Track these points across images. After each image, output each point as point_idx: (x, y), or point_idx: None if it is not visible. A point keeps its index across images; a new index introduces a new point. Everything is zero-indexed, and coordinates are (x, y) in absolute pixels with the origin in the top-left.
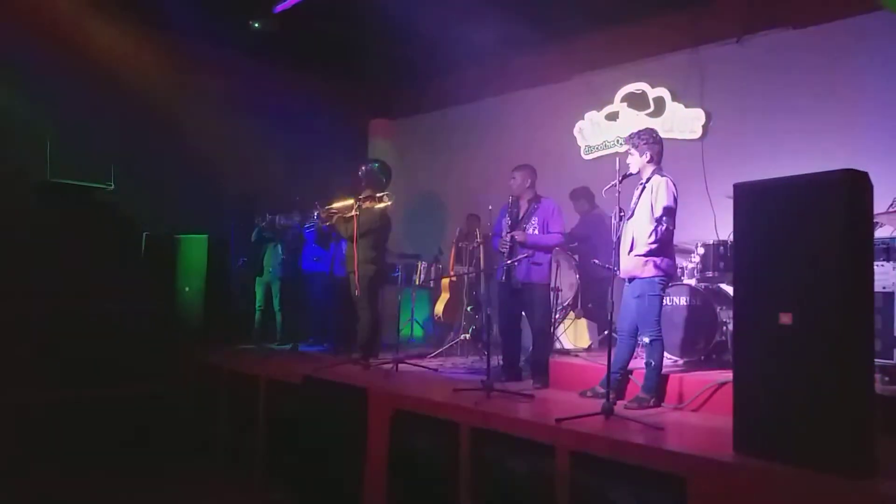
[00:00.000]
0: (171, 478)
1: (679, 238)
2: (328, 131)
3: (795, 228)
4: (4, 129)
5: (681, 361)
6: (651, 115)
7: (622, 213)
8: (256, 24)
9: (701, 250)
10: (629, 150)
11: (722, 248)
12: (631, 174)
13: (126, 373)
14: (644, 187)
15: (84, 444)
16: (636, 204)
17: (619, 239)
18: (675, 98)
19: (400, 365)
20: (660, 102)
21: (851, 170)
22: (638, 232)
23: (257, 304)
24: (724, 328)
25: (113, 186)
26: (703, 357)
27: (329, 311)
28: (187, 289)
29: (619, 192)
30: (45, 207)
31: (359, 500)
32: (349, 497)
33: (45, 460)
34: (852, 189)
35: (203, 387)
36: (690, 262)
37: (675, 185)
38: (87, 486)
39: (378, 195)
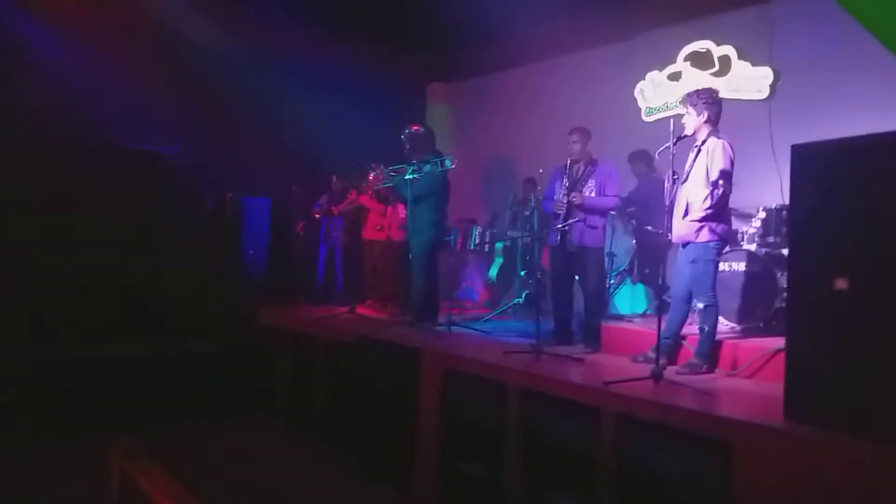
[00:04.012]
0: (233, 432)
1: (742, 202)
2: (387, 96)
3: (854, 191)
4: (72, 95)
5: (738, 328)
6: (716, 74)
7: (676, 177)
8: None
9: (762, 214)
10: (686, 109)
11: (785, 212)
12: (686, 136)
13: (191, 331)
14: (700, 150)
15: (150, 396)
16: (691, 167)
17: (672, 203)
18: (741, 56)
19: (453, 327)
20: (725, 61)
21: None
22: (693, 196)
23: (321, 267)
24: (785, 295)
25: (178, 150)
26: (762, 324)
27: (386, 274)
28: (251, 251)
29: (674, 155)
30: (113, 171)
31: (412, 457)
32: (403, 454)
33: (111, 411)
34: None
35: (264, 345)
36: (751, 226)
37: (731, 147)
38: (151, 436)
39: (439, 159)
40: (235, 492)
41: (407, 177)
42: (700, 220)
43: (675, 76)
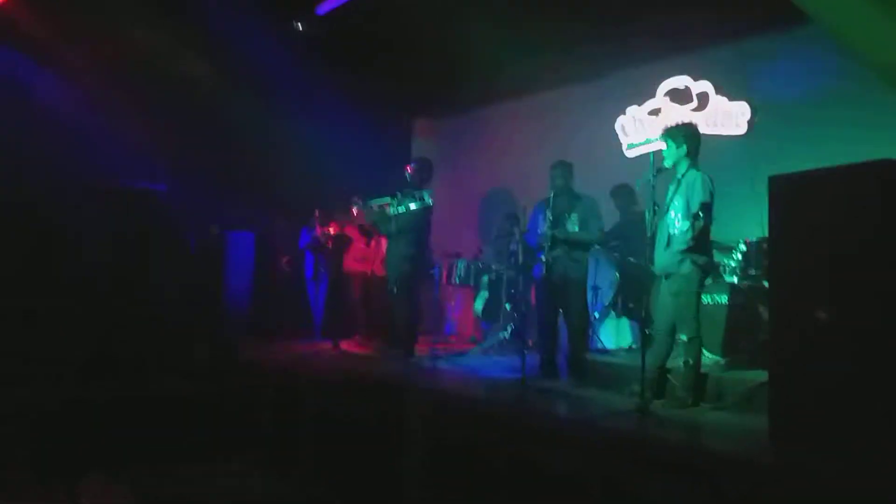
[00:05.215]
0: (215, 474)
1: (723, 235)
2: (372, 132)
3: (830, 220)
4: (56, 133)
5: (723, 361)
6: (695, 109)
7: (657, 209)
8: (300, 26)
9: (743, 247)
10: (666, 142)
11: (766, 245)
12: (666, 168)
13: (173, 369)
14: (680, 182)
15: (131, 439)
16: (672, 199)
17: (653, 235)
18: (718, 92)
19: (438, 363)
20: (703, 97)
21: (886, 160)
22: (674, 228)
23: (312, 304)
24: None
25: (165, 188)
26: (746, 356)
27: (370, 308)
28: (235, 286)
29: (654, 187)
30: (98, 209)
31: (398, 496)
32: (388, 493)
33: (91, 455)
34: (887, 179)
35: (248, 385)
36: (733, 259)
37: (711, 180)
38: (133, 480)
39: (418, 193)
40: None
41: (391, 212)
42: (682, 252)
43: (654, 112)
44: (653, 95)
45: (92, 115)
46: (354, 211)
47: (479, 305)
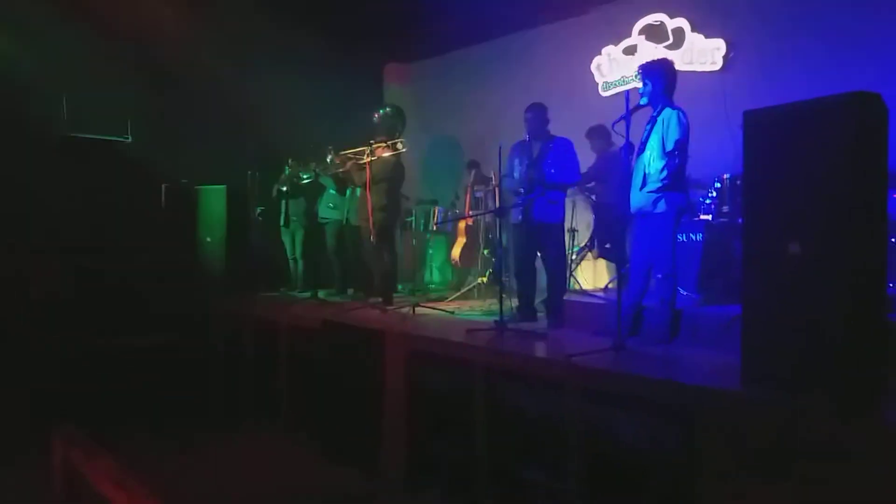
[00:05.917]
0: (198, 425)
1: (699, 173)
2: (342, 78)
3: (804, 155)
4: (21, 84)
5: (698, 297)
6: (670, 47)
7: (632, 148)
8: None
9: (718, 185)
10: (641, 80)
11: (740, 181)
12: (641, 106)
13: (150, 323)
14: (655, 120)
15: (110, 394)
16: (647, 138)
17: (629, 175)
18: (694, 28)
19: (417, 309)
20: (679, 33)
21: (860, 92)
22: (650, 167)
23: (289, 254)
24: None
25: (130, 139)
26: (721, 293)
27: (346, 258)
28: (208, 239)
29: (630, 126)
30: (64, 162)
31: (378, 439)
32: (369, 437)
33: (75, 412)
34: (861, 112)
35: (226, 335)
36: (708, 197)
37: (686, 116)
38: (115, 436)
39: (391, 142)
40: (193, 481)
41: (363, 161)
42: (657, 191)
43: (630, 50)
44: (629, 34)
45: (56, 65)
46: (329, 158)
47: (456, 251)
